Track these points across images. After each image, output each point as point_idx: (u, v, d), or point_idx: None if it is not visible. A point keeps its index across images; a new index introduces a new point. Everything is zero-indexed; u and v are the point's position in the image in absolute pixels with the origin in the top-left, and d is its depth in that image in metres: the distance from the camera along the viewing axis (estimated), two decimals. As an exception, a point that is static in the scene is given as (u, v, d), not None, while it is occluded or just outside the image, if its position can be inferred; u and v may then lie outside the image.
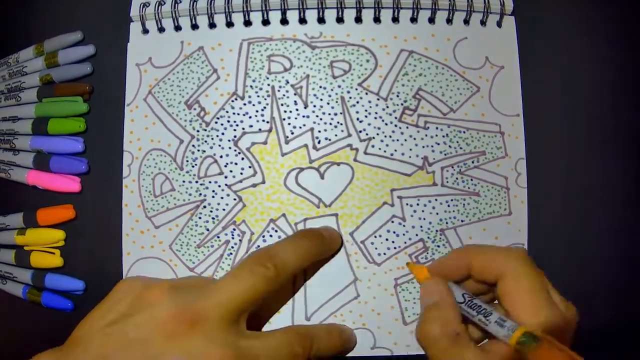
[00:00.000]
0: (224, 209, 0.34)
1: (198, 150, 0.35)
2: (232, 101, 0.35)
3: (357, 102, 0.35)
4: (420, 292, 0.28)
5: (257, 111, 0.35)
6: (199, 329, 0.26)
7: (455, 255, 0.29)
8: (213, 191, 0.35)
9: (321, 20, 0.35)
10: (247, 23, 0.35)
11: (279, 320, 0.34)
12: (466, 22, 0.35)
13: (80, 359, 0.26)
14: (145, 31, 0.36)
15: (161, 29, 0.36)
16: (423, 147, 0.35)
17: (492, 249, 0.28)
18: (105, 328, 0.27)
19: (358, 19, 0.35)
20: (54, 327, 0.32)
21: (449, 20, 0.35)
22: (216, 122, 0.35)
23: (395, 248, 0.34)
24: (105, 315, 0.28)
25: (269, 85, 0.35)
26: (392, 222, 0.34)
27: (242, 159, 0.35)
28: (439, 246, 0.34)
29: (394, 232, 0.34)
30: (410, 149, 0.34)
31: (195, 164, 0.35)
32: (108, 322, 0.27)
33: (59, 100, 0.36)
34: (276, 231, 0.34)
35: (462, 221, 0.34)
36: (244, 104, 0.35)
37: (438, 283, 0.28)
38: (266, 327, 0.34)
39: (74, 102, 0.36)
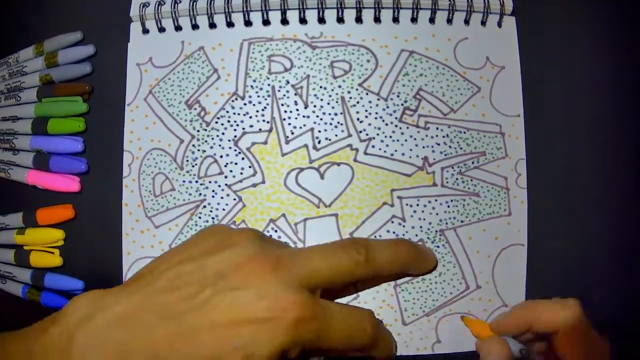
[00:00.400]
0: (223, 209, 0.34)
1: (198, 150, 0.35)
2: (233, 101, 0.35)
3: (358, 102, 0.35)
4: (479, 347, 0.30)
5: (257, 111, 0.35)
6: (279, 274, 0.25)
7: (517, 314, 0.30)
8: (213, 191, 0.35)
9: (321, 20, 0.35)
10: (248, 23, 0.35)
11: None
12: (466, 22, 0.35)
13: (139, 290, 0.25)
14: (146, 31, 0.36)
15: (161, 29, 0.36)
16: (423, 147, 0.35)
17: (550, 305, 0.30)
18: (180, 264, 0.26)
19: (358, 19, 0.35)
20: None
21: (449, 21, 0.35)
22: (216, 122, 0.35)
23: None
24: (181, 252, 0.27)
25: (269, 85, 0.35)
26: (392, 222, 0.34)
27: (242, 158, 0.35)
28: (438, 246, 0.34)
29: (394, 232, 0.34)
30: (411, 149, 0.34)
31: (196, 164, 0.35)
32: (184, 257, 0.26)
33: (59, 100, 0.36)
34: (276, 231, 0.34)
35: (461, 222, 0.34)
36: (245, 104, 0.35)
37: (499, 343, 0.30)
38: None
39: (73, 102, 0.35)
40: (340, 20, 0.35)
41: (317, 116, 0.35)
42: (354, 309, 0.28)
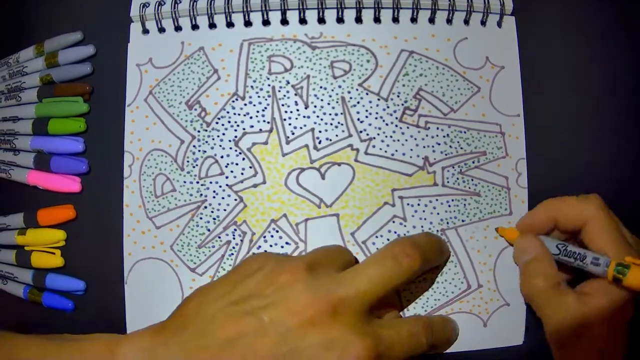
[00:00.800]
0: (224, 210, 0.35)
1: (199, 151, 0.35)
2: (233, 101, 0.35)
3: (358, 103, 0.35)
4: (515, 251, 0.31)
5: (257, 111, 0.35)
6: (341, 318, 0.25)
7: (541, 209, 0.31)
8: (214, 191, 0.35)
9: (321, 20, 0.35)
10: (248, 23, 0.35)
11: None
12: (466, 22, 0.35)
13: (196, 342, 0.24)
14: (146, 31, 0.36)
15: (161, 30, 0.36)
16: (424, 147, 0.35)
17: (573, 200, 0.30)
18: (231, 307, 0.25)
19: (358, 19, 0.35)
20: (55, 328, 0.31)
21: (449, 21, 0.35)
22: (217, 123, 0.35)
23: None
24: (227, 293, 0.26)
25: (269, 85, 0.35)
26: (393, 222, 0.34)
27: (243, 159, 0.35)
28: (439, 246, 0.34)
29: (395, 232, 0.34)
30: (411, 149, 0.35)
31: (196, 165, 0.35)
32: (232, 300, 0.25)
33: (59, 100, 0.36)
34: (277, 231, 0.34)
35: (462, 221, 0.34)
36: (245, 105, 0.35)
37: (531, 239, 0.30)
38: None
39: (74, 102, 0.35)
40: (340, 20, 0.35)
41: (318, 116, 0.35)
42: (408, 325, 0.28)
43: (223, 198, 0.35)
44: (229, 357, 0.24)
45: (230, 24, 0.35)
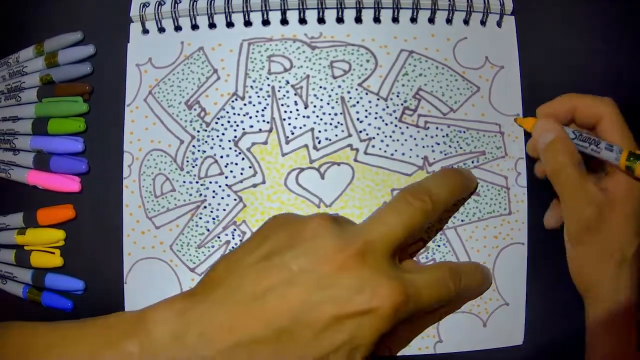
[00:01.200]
0: (224, 209, 0.35)
1: (198, 151, 0.35)
2: (233, 101, 0.35)
3: (357, 102, 0.35)
4: (536, 133, 0.32)
5: (257, 111, 0.35)
6: (368, 260, 0.25)
7: (563, 99, 0.32)
8: (213, 191, 0.35)
9: (321, 20, 0.35)
10: (247, 23, 0.35)
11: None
12: (466, 22, 0.35)
13: (228, 299, 0.24)
14: (145, 31, 0.36)
15: (161, 29, 0.36)
16: (423, 147, 0.35)
17: (591, 97, 0.31)
18: (259, 263, 0.25)
19: (358, 19, 0.35)
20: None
21: (449, 21, 0.35)
22: (216, 123, 0.35)
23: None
24: (254, 250, 0.26)
25: (269, 85, 0.35)
26: (393, 222, 0.34)
27: (243, 159, 0.35)
28: (439, 246, 0.34)
29: (394, 232, 0.34)
30: (411, 149, 0.35)
31: (196, 164, 0.35)
32: (260, 256, 0.25)
33: (59, 100, 0.36)
34: (276, 231, 0.34)
35: (462, 221, 0.34)
36: (244, 104, 0.35)
37: (551, 121, 0.31)
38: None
39: (74, 102, 0.35)
40: (339, 20, 0.35)
41: (317, 116, 0.35)
42: (434, 271, 0.29)
43: (222, 198, 0.35)
44: (262, 309, 0.24)
45: (230, 24, 0.35)
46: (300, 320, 0.24)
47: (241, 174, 0.35)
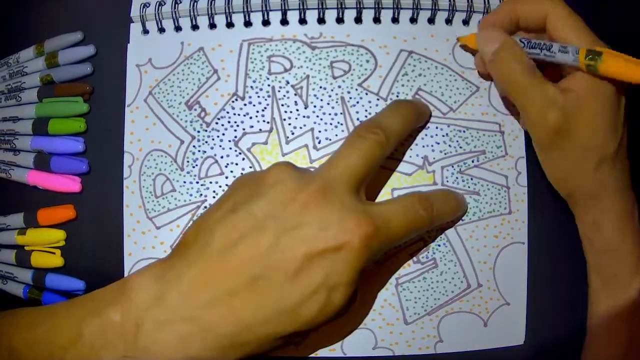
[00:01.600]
0: (224, 209, 0.35)
1: (199, 151, 0.35)
2: (233, 102, 0.35)
3: (357, 102, 0.35)
4: (479, 43, 0.30)
5: (257, 112, 0.35)
6: (330, 197, 0.25)
7: (502, 6, 0.30)
8: (214, 191, 0.35)
9: (321, 20, 0.35)
10: (248, 24, 0.35)
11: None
12: (465, 22, 0.35)
13: (200, 255, 0.24)
14: (146, 32, 0.36)
15: (161, 30, 0.36)
16: (423, 146, 0.35)
17: None
18: (225, 216, 0.25)
19: (358, 20, 0.35)
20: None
21: (449, 21, 0.35)
22: (217, 123, 0.35)
23: (395, 247, 0.34)
24: (221, 207, 0.26)
25: (269, 85, 0.35)
26: (393, 221, 0.34)
27: (243, 159, 0.35)
28: (439, 245, 0.34)
29: (395, 232, 0.34)
30: (411, 149, 0.35)
31: (196, 165, 0.35)
32: (226, 210, 0.25)
33: (60, 100, 0.36)
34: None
35: (462, 220, 0.34)
36: (245, 105, 0.35)
37: (493, 30, 0.30)
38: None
39: (74, 103, 0.36)
40: (339, 20, 0.35)
41: (317, 116, 0.35)
42: (402, 200, 0.28)
43: (223, 198, 0.35)
44: (233, 260, 0.24)
45: (230, 24, 0.35)
46: (272, 265, 0.24)
47: (241, 174, 0.35)
